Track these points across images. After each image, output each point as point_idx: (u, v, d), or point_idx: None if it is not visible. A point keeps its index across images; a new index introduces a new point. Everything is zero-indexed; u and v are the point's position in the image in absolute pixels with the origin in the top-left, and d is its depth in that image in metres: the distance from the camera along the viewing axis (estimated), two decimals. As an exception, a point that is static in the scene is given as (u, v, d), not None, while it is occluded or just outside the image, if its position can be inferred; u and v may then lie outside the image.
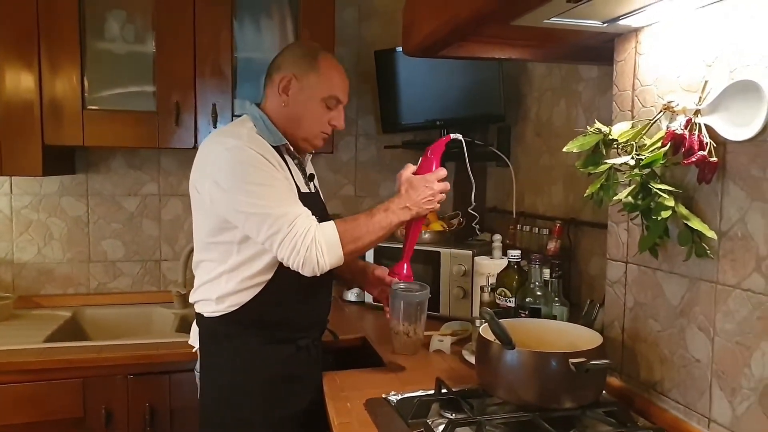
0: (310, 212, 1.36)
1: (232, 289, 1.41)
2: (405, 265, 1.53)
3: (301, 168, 1.52)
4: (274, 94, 1.46)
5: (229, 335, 1.44)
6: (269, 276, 1.41)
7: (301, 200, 1.41)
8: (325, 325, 1.62)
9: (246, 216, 1.32)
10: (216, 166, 1.36)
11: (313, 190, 1.56)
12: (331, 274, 1.57)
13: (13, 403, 1.72)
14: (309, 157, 1.58)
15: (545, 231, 1.98)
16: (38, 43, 1.95)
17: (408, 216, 1.41)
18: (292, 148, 1.47)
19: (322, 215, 1.53)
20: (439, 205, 1.45)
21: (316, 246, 1.31)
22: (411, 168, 1.48)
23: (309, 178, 1.55)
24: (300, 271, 1.33)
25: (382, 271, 1.60)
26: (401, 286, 1.55)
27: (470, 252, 2.01)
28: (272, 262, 1.40)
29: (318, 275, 1.34)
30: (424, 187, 1.42)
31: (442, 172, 1.45)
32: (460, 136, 1.50)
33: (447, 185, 1.45)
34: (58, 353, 1.79)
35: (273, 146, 1.41)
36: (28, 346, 1.82)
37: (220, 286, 1.42)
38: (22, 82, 1.95)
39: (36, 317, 2.15)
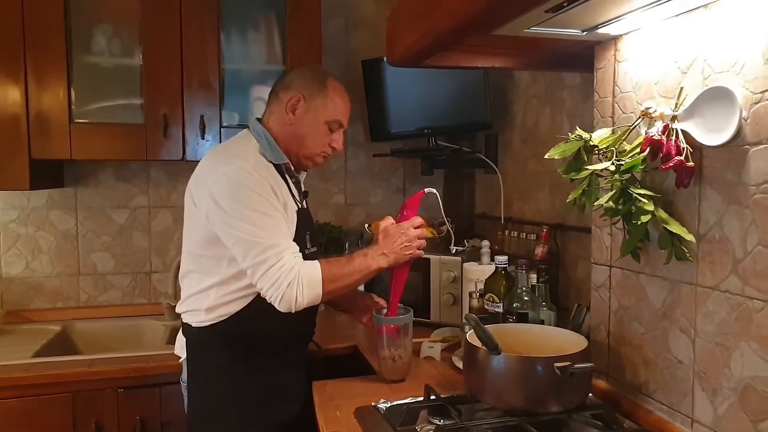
0: (297, 249, 1.40)
1: (221, 301, 1.43)
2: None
3: (298, 186, 1.56)
4: (280, 112, 1.50)
5: (216, 345, 1.45)
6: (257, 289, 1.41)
7: (299, 218, 1.48)
8: (311, 335, 1.64)
9: (237, 239, 1.35)
10: (219, 185, 1.37)
11: (305, 207, 1.59)
12: None
13: (2, 419, 1.71)
14: (304, 175, 1.62)
15: (533, 236, 1.99)
16: (24, 57, 1.96)
17: (385, 263, 1.45)
18: (292, 168, 1.51)
19: (311, 230, 1.58)
20: (420, 252, 1.49)
21: (297, 283, 1.33)
22: (390, 220, 1.53)
23: (304, 195, 1.59)
24: (275, 306, 1.35)
25: (372, 301, 1.64)
26: (385, 311, 1.56)
27: (459, 258, 2.02)
28: None
29: (293, 312, 1.36)
30: (400, 234, 1.47)
31: (417, 220, 1.50)
32: (434, 190, 1.60)
33: (425, 233, 1.50)
34: (47, 368, 1.78)
35: (274, 164, 1.45)
36: (17, 361, 1.81)
37: (209, 298, 1.43)
38: (8, 95, 1.96)
39: (25, 332, 2.14)
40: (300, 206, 1.52)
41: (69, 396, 1.76)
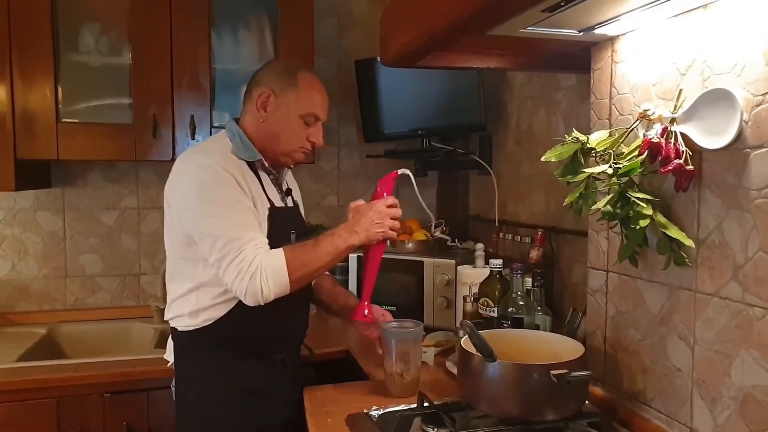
0: (264, 240, 1.35)
1: (205, 305, 1.40)
2: (365, 307, 1.50)
3: (277, 183, 1.52)
4: (252, 110, 1.45)
5: (202, 349, 1.42)
6: None
7: (274, 216, 1.42)
8: (302, 339, 1.60)
9: (202, 236, 1.32)
10: (185, 183, 1.36)
11: (291, 204, 1.56)
12: (309, 290, 1.57)
13: (-16, 425, 1.68)
14: (287, 172, 1.57)
15: (527, 239, 1.97)
16: (10, 55, 1.92)
17: (357, 240, 1.38)
18: (267, 164, 1.46)
19: (298, 229, 1.53)
20: (392, 233, 1.42)
21: (261, 274, 1.29)
22: (361, 201, 1.48)
23: (286, 193, 1.55)
24: (243, 300, 1.31)
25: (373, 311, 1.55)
26: (393, 324, 1.48)
27: (453, 261, 2.00)
28: None
29: (262, 304, 1.32)
30: (371, 210, 1.40)
31: (391, 199, 1.44)
32: (408, 171, 1.53)
33: (398, 211, 1.43)
34: (31, 372, 1.74)
35: (248, 162, 1.41)
36: (1, 365, 1.77)
37: (191, 302, 1.41)
38: (-7, 95, 1.91)
39: (10, 335, 2.10)
40: (275, 204, 1.45)
41: (54, 401, 1.72)
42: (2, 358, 1.83)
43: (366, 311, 1.50)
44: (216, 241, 1.30)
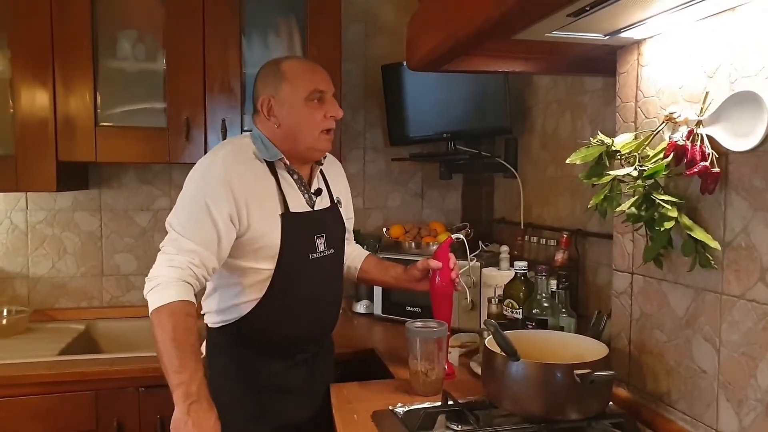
0: (201, 259, 1.30)
1: (227, 304, 1.45)
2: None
3: (302, 183, 1.49)
4: (264, 120, 1.46)
5: (227, 345, 1.47)
6: (260, 294, 1.42)
7: (288, 221, 1.40)
8: (327, 339, 1.62)
9: (168, 222, 1.36)
10: (187, 180, 1.40)
11: (320, 207, 1.52)
12: (335, 291, 1.58)
13: (26, 415, 1.75)
14: (317, 170, 1.53)
15: (552, 242, 1.98)
16: (53, 63, 2.00)
17: (176, 391, 1.21)
18: (288, 163, 1.45)
19: (331, 232, 1.52)
20: None
21: (151, 293, 1.29)
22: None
23: (316, 193, 1.51)
24: None
25: (423, 263, 1.59)
26: (418, 323, 1.50)
27: (478, 263, 2.01)
28: (261, 280, 1.42)
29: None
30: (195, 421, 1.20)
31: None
32: (462, 236, 1.67)
33: None
34: (71, 366, 1.81)
35: (269, 163, 1.43)
36: (42, 359, 1.85)
37: (216, 300, 1.47)
38: (36, 100, 2.00)
39: (50, 330, 2.19)
40: (290, 209, 1.42)
41: (92, 394, 1.79)
42: (43, 352, 1.91)
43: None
44: (168, 231, 1.34)
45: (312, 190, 1.51)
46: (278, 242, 1.40)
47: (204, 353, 1.53)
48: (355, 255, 1.74)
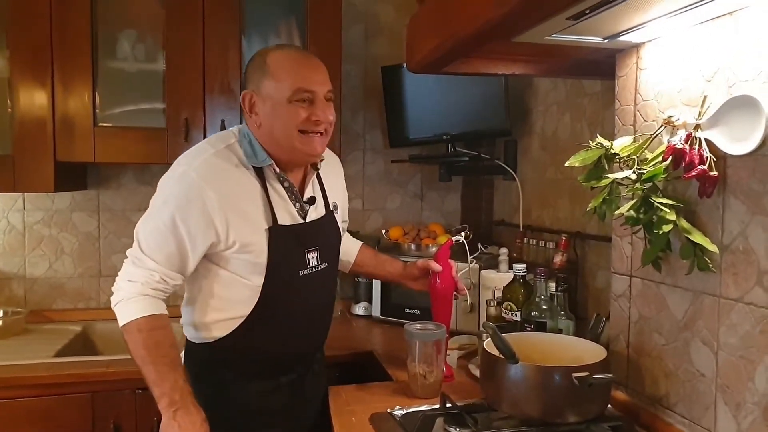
0: (151, 278, 1.26)
1: (210, 319, 1.34)
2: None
3: (293, 192, 1.35)
4: (247, 117, 1.33)
5: (204, 361, 1.37)
6: (246, 311, 1.32)
7: (277, 235, 1.30)
8: (315, 357, 1.50)
9: (136, 232, 1.30)
10: (160, 186, 1.30)
11: (315, 217, 1.40)
12: (328, 302, 1.50)
13: (23, 417, 1.74)
14: (312, 175, 1.40)
15: (551, 244, 1.98)
16: (51, 62, 2.00)
17: (161, 401, 1.22)
18: (278, 170, 1.32)
19: (324, 243, 1.41)
20: None
21: (116, 308, 1.28)
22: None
23: (309, 202, 1.39)
24: None
25: (424, 263, 1.57)
26: (416, 325, 1.48)
27: (477, 266, 2.01)
28: (248, 296, 1.31)
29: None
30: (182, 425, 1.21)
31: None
32: (462, 239, 1.74)
33: None
34: (67, 368, 1.80)
35: (257, 170, 1.30)
36: (38, 360, 1.84)
37: (197, 312, 1.35)
38: (35, 100, 2.00)
39: (47, 331, 2.18)
40: (279, 222, 1.30)
41: (88, 396, 1.78)
42: (40, 353, 1.90)
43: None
44: (135, 238, 1.28)
45: (305, 199, 1.38)
46: (265, 258, 1.29)
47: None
48: (348, 247, 1.66)
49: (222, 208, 1.25)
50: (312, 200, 1.40)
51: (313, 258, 1.38)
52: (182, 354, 1.40)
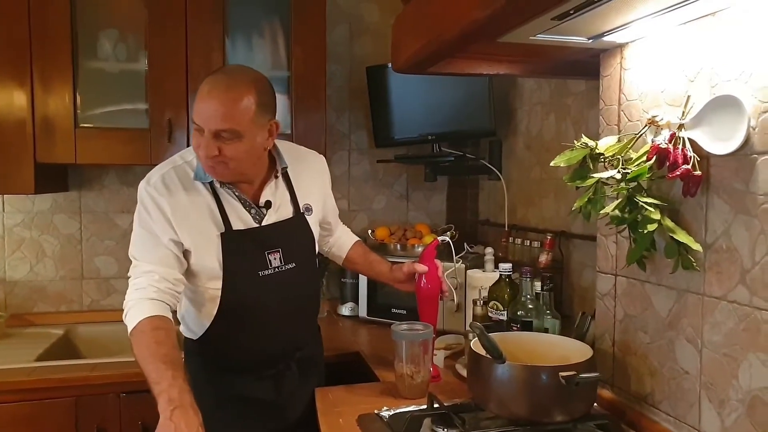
0: (159, 274, 1.33)
1: (192, 318, 1.49)
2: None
3: (243, 200, 1.42)
4: None
5: (196, 354, 1.50)
6: (214, 311, 1.43)
7: (230, 239, 1.38)
8: (300, 352, 1.53)
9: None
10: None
11: (276, 220, 1.45)
12: (306, 301, 1.56)
13: (5, 423, 1.71)
14: (270, 183, 1.45)
15: (537, 244, 1.99)
16: (31, 62, 1.96)
17: (160, 398, 1.18)
18: (218, 184, 1.40)
19: (289, 244, 1.46)
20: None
21: (125, 319, 1.32)
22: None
23: (266, 206, 1.44)
24: None
25: (409, 267, 1.59)
26: (403, 326, 1.50)
27: (463, 265, 2.01)
28: (210, 298, 1.42)
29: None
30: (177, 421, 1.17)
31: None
32: (447, 239, 1.74)
33: None
34: (50, 372, 1.78)
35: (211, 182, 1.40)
36: (20, 365, 1.81)
37: (183, 311, 1.52)
38: (14, 100, 1.96)
39: (28, 335, 2.14)
40: (233, 227, 1.39)
41: (71, 400, 1.76)
42: (21, 358, 1.87)
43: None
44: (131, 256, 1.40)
45: (261, 204, 1.44)
46: (218, 263, 1.39)
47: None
48: (342, 241, 1.74)
49: (176, 218, 1.37)
50: (268, 204, 1.46)
51: (275, 259, 1.45)
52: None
